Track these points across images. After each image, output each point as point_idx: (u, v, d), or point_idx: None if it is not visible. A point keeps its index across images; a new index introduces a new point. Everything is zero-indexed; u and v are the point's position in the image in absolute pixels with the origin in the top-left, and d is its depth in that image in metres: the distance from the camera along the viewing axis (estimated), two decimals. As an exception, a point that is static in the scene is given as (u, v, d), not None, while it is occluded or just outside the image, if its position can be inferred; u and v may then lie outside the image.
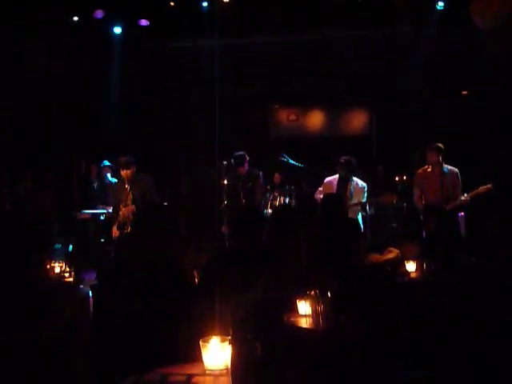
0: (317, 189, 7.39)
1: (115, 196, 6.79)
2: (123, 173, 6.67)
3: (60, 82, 8.95)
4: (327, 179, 7.24)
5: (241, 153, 7.25)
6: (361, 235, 4.51)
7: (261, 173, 7.29)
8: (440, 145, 6.93)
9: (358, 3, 8.20)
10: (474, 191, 6.73)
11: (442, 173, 6.84)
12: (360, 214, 7.08)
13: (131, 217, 6.38)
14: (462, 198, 6.74)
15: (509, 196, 6.78)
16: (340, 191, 6.96)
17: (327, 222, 4.49)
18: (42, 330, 2.34)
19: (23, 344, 2.31)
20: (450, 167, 6.91)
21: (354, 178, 7.11)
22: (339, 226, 4.00)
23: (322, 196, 6.60)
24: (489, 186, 6.63)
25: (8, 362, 2.31)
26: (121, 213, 6.53)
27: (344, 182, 7.05)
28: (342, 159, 7.05)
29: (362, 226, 6.71)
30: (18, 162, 8.56)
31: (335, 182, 7.12)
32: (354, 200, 6.98)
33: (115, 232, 6.57)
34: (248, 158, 7.22)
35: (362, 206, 7.03)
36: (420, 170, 7.12)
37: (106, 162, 8.33)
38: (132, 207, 6.48)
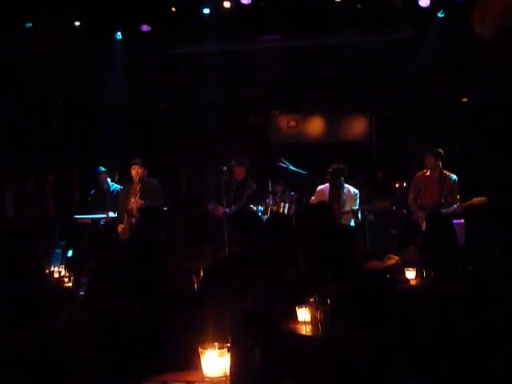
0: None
1: (124, 198, 6.80)
2: (134, 171, 6.68)
3: (61, 87, 8.96)
4: (319, 187, 7.30)
5: (242, 154, 7.30)
6: (354, 241, 4.51)
7: (255, 185, 7.30)
8: (439, 150, 6.97)
9: (359, 10, 8.21)
10: (468, 202, 6.74)
11: (440, 178, 6.87)
12: (353, 221, 7.09)
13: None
14: (456, 207, 6.75)
15: (505, 205, 6.78)
16: (332, 199, 7.00)
17: (320, 230, 4.49)
18: (39, 334, 2.34)
19: (20, 346, 2.31)
20: (448, 173, 6.94)
21: (346, 185, 7.14)
22: (332, 234, 4.01)
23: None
24: (483, 198, 6.64)
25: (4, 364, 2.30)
26: (131, 202, 6.56)
27: (336, 190, 7.09)
28: (331, 168, 7.11)
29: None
30: (19, 165, 8.56)
31: (327, 190, 7.16)
32: (347, 207, 7.00)
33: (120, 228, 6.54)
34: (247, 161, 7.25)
35: (354, 213, 7.05)
36: (419, 174, 7.21)
37: (102, 168, 8.19)
38: (141, 201, 6.49)
